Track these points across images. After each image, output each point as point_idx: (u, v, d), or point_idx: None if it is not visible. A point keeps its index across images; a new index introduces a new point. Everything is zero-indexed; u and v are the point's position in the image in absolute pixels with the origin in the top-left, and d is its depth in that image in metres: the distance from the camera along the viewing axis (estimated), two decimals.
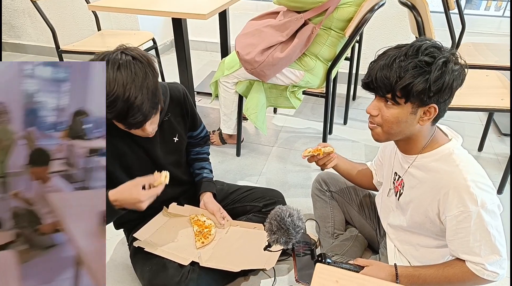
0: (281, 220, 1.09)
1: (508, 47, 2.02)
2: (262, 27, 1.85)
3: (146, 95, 1.06)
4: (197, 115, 1.52)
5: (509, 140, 2.44)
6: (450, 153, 1.06)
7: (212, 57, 3.70)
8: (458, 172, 1.02)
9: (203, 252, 1.33)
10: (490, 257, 1.02)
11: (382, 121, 1.05)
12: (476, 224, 1.00)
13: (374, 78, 1.00)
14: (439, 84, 0.96)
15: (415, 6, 1.66)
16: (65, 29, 3.55)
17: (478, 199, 0.98)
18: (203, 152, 1.62)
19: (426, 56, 0.95)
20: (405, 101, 0.99)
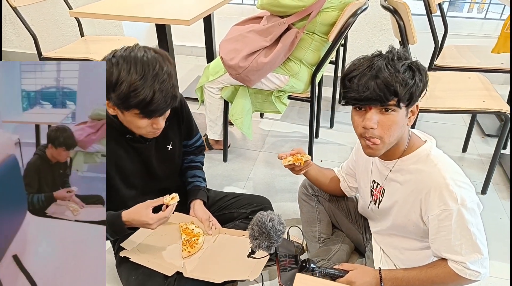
0: (262, 225, 1.09)
1: (489, 49, 2.05)
2: (245, 32, 1.85)
3: (167, 85, 1.07)
4: (194, 124, 1.51)
5: (492, 141, 2.47)
6: (427, 154, 1.09)
7: (198, 62, 3.68)
8: (437, 172, 1.04)
9: (188, 262, 1.32)
10: (471, 255, 1.03)
11: (383, 132, 1.03)
12: (457, 222, 1.01)
13: (373, 89, 0.98)
14: (426, 81, 1.02)
15: (397, 10, 1.67)
16: (47, 35, 3.50)
17: (458, 197, 0.99)
18: (197, 160, 1.61)
19: (405, 60, 1.00)
20: (408, 103, 1.01)
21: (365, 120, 1.03)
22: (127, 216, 1.20)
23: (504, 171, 2.18)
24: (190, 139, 1.54)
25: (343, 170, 1.49)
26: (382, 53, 1.04)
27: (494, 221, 1.84)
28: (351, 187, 1.47)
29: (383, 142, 1.05)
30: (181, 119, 1.42)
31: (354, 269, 1.17)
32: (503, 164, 2.22)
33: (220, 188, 2.06)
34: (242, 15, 3.52)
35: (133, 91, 1.03)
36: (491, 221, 1.83)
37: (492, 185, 2.05)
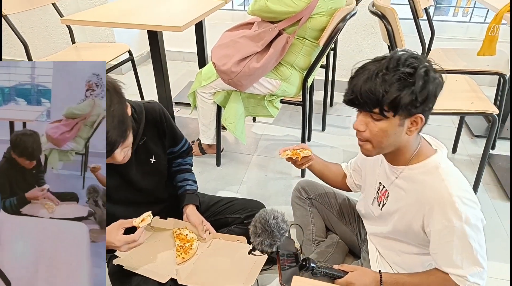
0: (265, 223, 1.09)
1: (475, 52, 2.09)
2: (237, 38, 1.87)
3: (112, 124, 1.06)
4: (177, 132, 1.49)
5: (480, 141, 2.52)
6: (436, 167, 1.07)
7: (190, 67, 3.70)
8: (443, 187, 1.02)
9: (182, 268, 1.31)
10: (471, 268, 1.03)
11: (371, 136, 1.04)
12: (459, 238, 1.01)
13: (359, 94, 0.99)
14: (424, 93, 0.96)
15: (385, 15, 1.71)
16: (38, 42, 3.49)
17: (462, 215, 0.99)
18: (185, 163, 1.60)
19: (408, 67, 0.95)
20: (394, 114, 0.98)
21: (355, 121, 1.06)
22: None
23: (493, 171, 2.22)
24: (176, 146, 1.52)
25: (351, 167, 1.48)
26: (385, 58, 1.01)
27: (510, 223, 1.87)
28: (356, 184, 1.46)
29: (373, 146, 1.06)
30: (161, 131, 1.40)
31: (354, 270, 1.17)
32: (492, 164, 2.27)
33: (214, 192, 2.07)
34: (233, 21, 3.56)
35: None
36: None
37: (482, 185, 2.09)
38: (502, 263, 1.66)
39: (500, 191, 2.08)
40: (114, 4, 2.29)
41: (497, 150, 2.42)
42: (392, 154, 1.12)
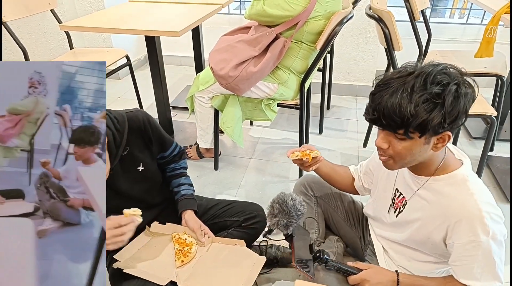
0: (283, 203, 1.10)
1: (472, 53, 2.10)
2: (234, 42, 1.87)
3: None
4: (165, 137, 1.47)
5: (479, 143, 2.52)
6: (464, 180, 1.04)
7: (187, 71, 3.70)
8: (473, 202, 1.00)
9: (182, 271, 1.32)
10: (490, 283, 1.03)
11: (394, 154, 1.01)
12: (484, 253, 1.00)
13: (382, 114, 0.93)
14: (455, 113, 0.91)
15: (382, 18, 1.71)
16: (36, 48, 3.50)
17: (490, 230, 0.97)
18: (179, 167, 1.59)
19: (436, 87, 0.89)
20: (420, 135, 0.94)
21: (377, 137, 1.03)
22: None
23: (492, 172, 2.22)
24: (166, 151, 1.51)
25: (361, 170, 1.44)
26: (412, 73, 0.93)
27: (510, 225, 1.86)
28: (365, 188, 1.43)
29: (396, 162, 1.03)
30: (147, 139, 1.39)
31: (368, 268, 1.16)
32: (491, 166, 2.27)
33: (212, 196, 2.06)
34: (230, 25, 3.57)
35: None
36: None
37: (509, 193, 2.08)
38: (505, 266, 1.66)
39: (499, 193, 2.08)
40: (111, 9, 2.30)
41: (496, 152, 2.42)
42: (416, 166, 1.09)
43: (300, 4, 1.73)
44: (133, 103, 2.90)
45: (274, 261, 1.60)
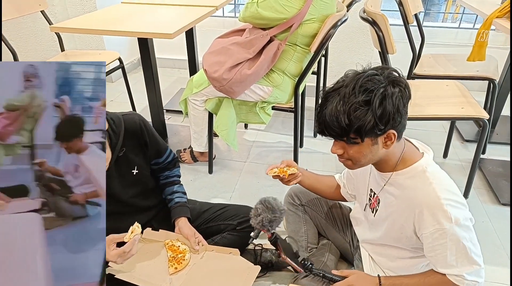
0: (265, 201, 1.17)
1: (464, 57, 2.11)
2: (228, 45, 1.86)
3: None
4: (160, 142, 1.48)
5: (471, 146, 2.54)
6: (423, 171, 1.08)
7: (181, 74, 3.69)
8: (431, 191, 1.04)
9: (175, 278, 1.31)
10: (467, 268, 1.05)
11: (349, 157, 1.08)
12: (452, 240, 1.02)
13: (325, 127, 1.04)
14: (385, 114, 0.97)
15: (376, 22, 1.71)
16: (27, 50, 3.46)
17: (452, 216, 1.00)
18: (172, 175, 1.59)
19: (363, 95, 0.97)
20: (362, 140, 1.02)
21: (332, 145, 1.11)
22: None
23: (484, 175, 2.23)
24: (161, 157, 1.51)
25: (344, 177, 1.48)
26: (344, 84, 1.02)
27: (476, 225, 1.84)
28: (350, 194, 1.47)
29: (354, 163, 1.10)
30: (143, 142, 1.39)
31: (353, 274, 1.20)
32: (483, 168, 2.28)
33: (206, 200, 2.03)
34: (224, 28, 3.57)
35: None
36: (474, 225, 1.86)
37: (473, 189, 2.10)
38: (494, 267, 1.67)
39: (491, 195, 2.09)
40: (104, 11, 2.27)
41: (488, 154, 2.44)
42: (377, 164, 1.15)
43: (294, 6, 1.73)
44: (126, 106, 2.87)
45: (269, 265, 1.59)
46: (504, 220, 1.93)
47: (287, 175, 1.36)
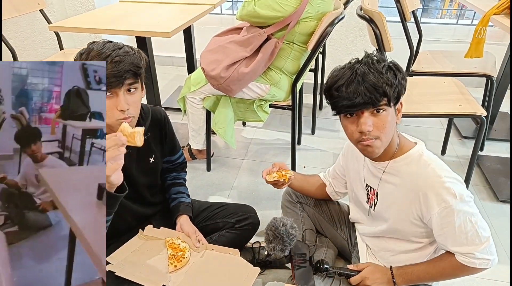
0: (275, 230, 1.19)
1: (462, 54, 2.12)
2: (226, 43, 1.87)
3: (127, 59, 1.10)
4: (176, 140, 1.54)
5: (469, 143, 2.54)
6: (420, 155, 1.11)
7: (179, 72, 3.69)
8: (431, 172, 1.07)
9: (175, 275, 1.31)
10: (478, 245, 1.05)
11: (379, 132, 1.06)
12: (459, 217, 1.03)
13: (363, 94, 1.01)
14: (405, 79, 1.07)
15: (373, 19, 1.71)
16: (26, 49, 3.46)
17: (456, 193, 1.02)
18: (180, 177, 1.62)
19: (384, 61, 1.06)
20: (396, 102, 1.07)
21: (360, 124, 1.05)
22: None
23: (482, 172, 2.24)
24: (174, 155, 1.56)
25: (330, 175, 1.50)
26: (360, 59, 1.07)
27: (509, 221, 1.89)
28: (337, 192, 1.50)
29: (381, 140, 1.08)
30: (163, 134, 1.45)
31: (368, 266, 1.25)
32: (481, 165, 2.29)
33: (205, 197, 2.06)
34: (222, 25, 3.57)
35: (89, 59, 1.09)
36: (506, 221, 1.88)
37: (471, 186, 2.11)
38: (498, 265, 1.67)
39: (489, 192, 2.10)
40: (102, 10, 2.28)
41: (486, 151, 2.45)
42: None
43: (291, 5, 1.73)
44: None
45: (267, 262, 1.59)
46: (503, 217, 1.93)
47: (287, 178, 1.37)
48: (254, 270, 1.35)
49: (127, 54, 1.12)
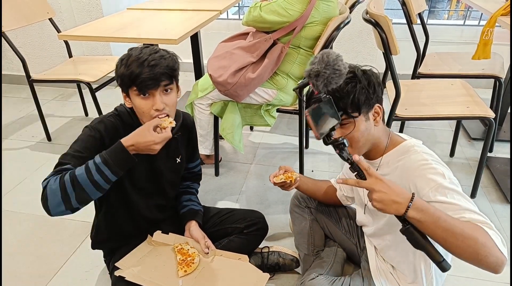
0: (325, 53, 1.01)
1: (469, 55, 2.11)
2: (232, 49, 1.88)
3: (162, 63, 1.18)
4: (197, 147, 1.60)
5: (478, 144, 2.52)
6: (411, 146, 1.14)
7: (186, 77, 3.70)
8: (419, 156, 1.09)
9: (185, 281, 1.32)
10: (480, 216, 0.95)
11: (350, 138, 1.11)
12: (452, 196, 0.98)
13: None
14: (371, 86, 1.09)
15: (379, 23, 1.71)
16: (35, 57, 3.51)
17: (443, 172, 1.03)
18: (192, 187, 1.65)
19: (349, 73, 1.05)
20: (358, 114, 1.09)
21: None
22: (131, 140, 1.14)
23: (492, 173, 2.22)
24: (193, 162, 1.60)
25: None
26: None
27: (509, 221, 1.87)
28: (346, 196, 1.51)
29: (353, 148, 1.13)
30: (190, 138, 1.51)
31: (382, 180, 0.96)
32: (490, 167, 2.27)
33: (213, 202, 2.07)
34: (228, 30, 3.58)
35: (127, 68, 1.17)
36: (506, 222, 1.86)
37: (480, 188, 2.09)
38: None
39: (499, 194, 2.08)
40: (110, 18, 2.30)
41: (495, 152, 2.43)
42: (370, 150, 1.19)
43: (297, 10, 1.74)
44: None
45: (276, 267, 1.60)
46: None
47: (294, 180, 1.38)
48: (263, 276, 1.36)
49: (162, 58, 1.19)
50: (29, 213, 2.03)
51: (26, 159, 2.52)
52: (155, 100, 1.20)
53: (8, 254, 1.78)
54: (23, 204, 2.10)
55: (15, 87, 3.63)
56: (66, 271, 1.69)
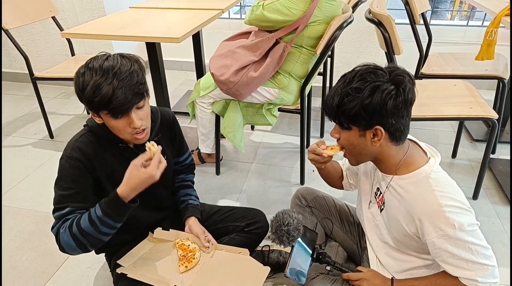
0: (278, 227, 1.20)
1: (472, 56, 2.10)
2: (234, 48, 1.88)
3: (133, 80, 1.11)
4: (184, 140, 1.56)
5: (480, 146, 2.51)
6: (426, 177, 1.07)
7: (188, 76, 3.71)
8: (433, 198, 1.02)
9: (186, 276, 1.32)
10: (479, 271, 1.03)
11: (343, 143, 1.14)
12: (457, 245, 1.01)
13: (325, 107, 1.11)
14: (370, 107, 1.00)
15: (382, 23, 1.71)
16: (38, 54, 3.51)
17: (455, 223, 0.99)
18: (187, 179, 1.63)
19: (358, 83, 1.02)
20: (349, 125, 1.07)
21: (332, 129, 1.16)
22: (126, 189, 1.14)
23: (494, 175, 2.21)
24: (182, 156, 1.57)
25: (345, 166, 1.48)
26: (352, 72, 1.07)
27: (486, 225, 1.86)
28: (350, 183, 1.48)
29: (348, 153, 1.16)
30: (173, 134, 1.47)
31: (369, 271, 1.25)
32: (493, 168, 2.26)
33: (214, 201, 2.07)
34: (230, 29, 3.58)
35: (95, 91, 1.07)
36: (484, 225, 1.85)
37: (483, 190, 2.08)
38: (504, 268, 1.65)
39: (501, 195, 2.07)
40: (112, 16, 2.30)
41: (498, 154, 2.42)
42: (376, 162, 1.18)
43: (299, 9, 1.73)
44: None
45: (276, 266, 1.60)
46: None
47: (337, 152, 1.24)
48: (264, 269, 1.35)
49: (130, 73, 1.11)
50: (31, 209, 2.04)
51: (29, 156, 2.53)
52: (131, 119, 1.15)
53: (11, 250, 1.78)
54: (26, 200, 2.11)
55: (18, 84, 3.64)
56: (68, 267, 1.70)
